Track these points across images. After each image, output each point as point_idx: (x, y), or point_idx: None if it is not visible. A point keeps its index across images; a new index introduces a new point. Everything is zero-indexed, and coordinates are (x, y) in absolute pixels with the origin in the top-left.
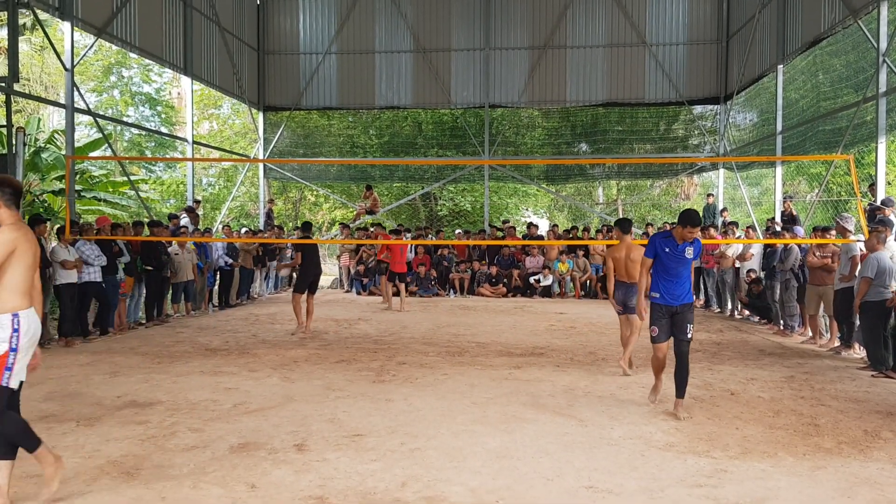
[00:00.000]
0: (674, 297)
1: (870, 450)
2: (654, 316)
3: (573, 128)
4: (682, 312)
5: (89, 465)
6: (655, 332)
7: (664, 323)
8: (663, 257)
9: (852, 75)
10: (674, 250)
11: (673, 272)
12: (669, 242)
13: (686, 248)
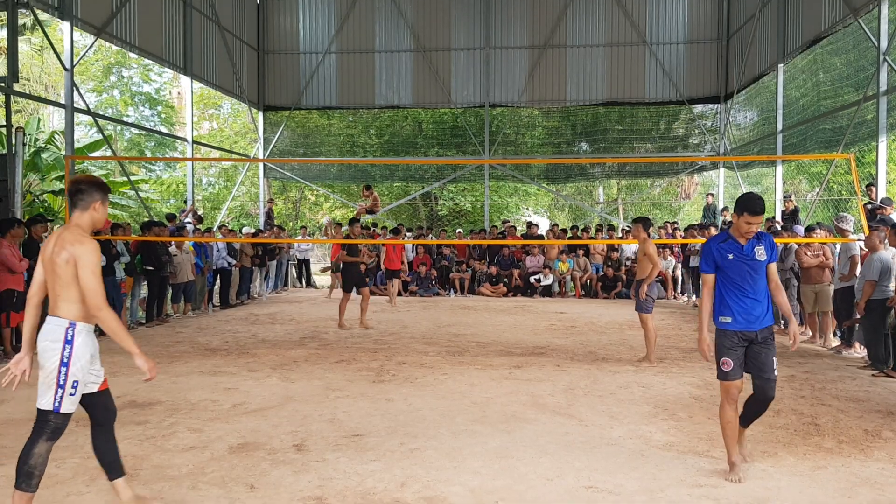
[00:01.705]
0: (750, 320)
1: (870, 449)
2: (725, 345)
3: (573, 127)
4: (764, 341)
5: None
6: (729, 365)
7: (739, 355)
8: (727, 268)
9: (853, 74)
10: (739, 254)
11: (744, 285)
12: (731, 245)
13: (755, 247)
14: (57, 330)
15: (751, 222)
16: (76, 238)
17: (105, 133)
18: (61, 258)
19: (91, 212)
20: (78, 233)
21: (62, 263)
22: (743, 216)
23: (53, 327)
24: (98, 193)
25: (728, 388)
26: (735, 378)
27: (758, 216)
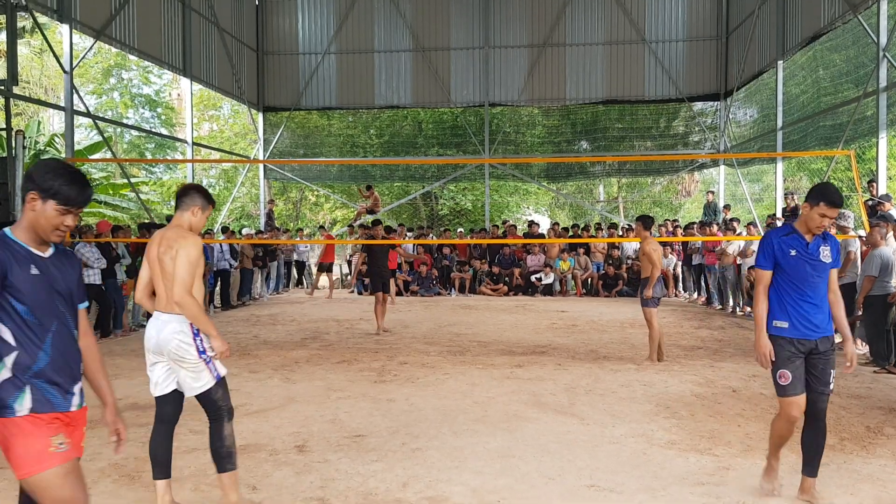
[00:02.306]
0: (811, 327)
1: (872, 446)
2: (782, 356)
3: (573, 125)
4: (824, 352)
5: (91, 468)
6: (787, 378)
7: (798, 366)
8: (787, 266)
9: (852, 70)
10: (802, 252)
11: (804, 287)
12: (794, 240)
13: (820, 246)
14: (182, 326)
15: (826, 215)
16: (178, 234)
17: (105, 135)
18: (168, 256)
19: (189, 214)
20: (179, 231)
21: (169, 261)
22: (818, 206)
23: (177, 325)
24: (199, 199)
25: (789, 407)
26: (796, 393)
27: (836, 208)
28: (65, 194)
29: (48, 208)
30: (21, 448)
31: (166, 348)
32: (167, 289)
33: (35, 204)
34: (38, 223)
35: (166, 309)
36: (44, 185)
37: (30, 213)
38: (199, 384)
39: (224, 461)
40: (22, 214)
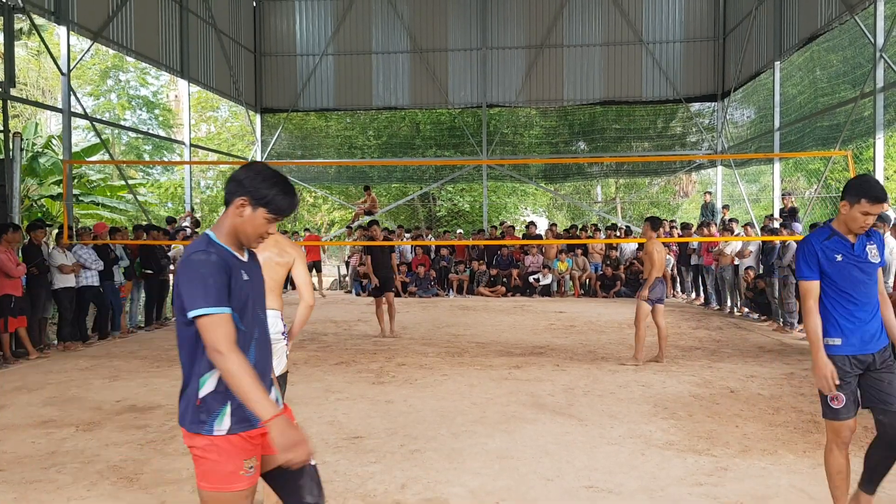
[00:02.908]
0: (866, 339)
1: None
2: None
3: (571, 126)
4: (885, 365)
5: (89, 470)
6: (840, 401)
7: (853, 386)
8: (834, 273)
9: (850, 71)
10: (849, 255)
11: (856, 294)
12: (837, 244)
13: (866, 246)
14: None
15: (869, 212)
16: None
17: (102, 137)
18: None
19: None
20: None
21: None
22: (859, 204)
23: (272, 318)
24: None
25: (839, 430)
26: (848, 417)
27: (880, 203)
28: (278, 204)
29: (258, 216)
30: (213, 464)
31: None
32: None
33: (244, 210)
34: (244, 229)
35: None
36: (257, 193)
37: (236, 218)
38: (280, 369)
39: None
40: (224, 218)
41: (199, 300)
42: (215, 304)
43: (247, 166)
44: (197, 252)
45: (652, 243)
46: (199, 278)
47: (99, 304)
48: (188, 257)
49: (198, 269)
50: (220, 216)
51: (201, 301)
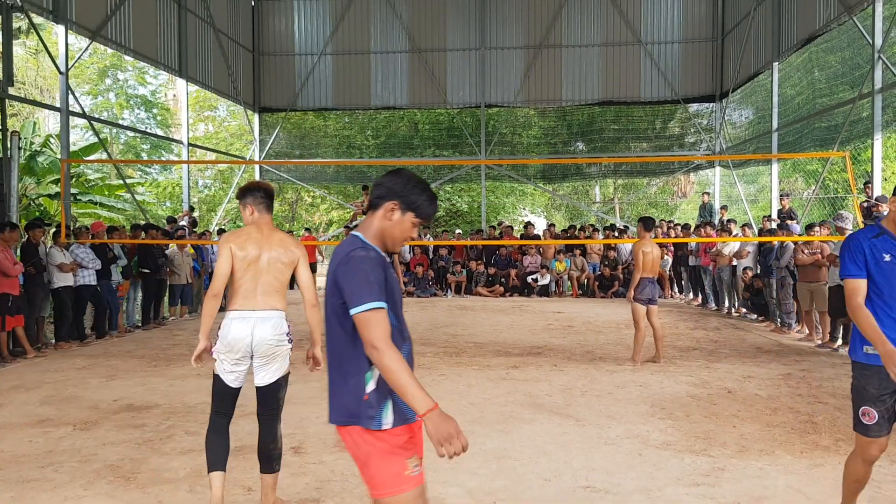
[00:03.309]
0: None
1: None
2: (869, 388)
3: (569, 127)
4: None
5: (86, 470)
6: (872, 417)
7: (886, 401)
8: (880, 274)
9: (848, 72)
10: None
11: None
12: (886, 242)
13: None
14: (282, 320)
15: None
16: (292, 240)
17: (101, 136)
18: (286, 258)
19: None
20: (287, 236)
21: (289, 263)
22: None
23: (278, 320)
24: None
25: (867, 447)
26: (879, 434)
27: None
28: (425, 210)
29: (406, 220)
30: (380, 469)
31: (265, 344)
32: (273, 287)
33: (394, 214)
34: (392, 233)
35: (263, 306)
36: (408, 199)
37: (385, 221)
38: (281, 371)
39: (274, 462)
40: (371, 221)
41: (364, 296)
42: (377, 299)
43: (396, 173)
44: (356, 249)
45: (639, 244)
46: (361, 274)
47: (96, 304)
48: (349, 255)
49: (359, 265)
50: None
51: (365, 297)
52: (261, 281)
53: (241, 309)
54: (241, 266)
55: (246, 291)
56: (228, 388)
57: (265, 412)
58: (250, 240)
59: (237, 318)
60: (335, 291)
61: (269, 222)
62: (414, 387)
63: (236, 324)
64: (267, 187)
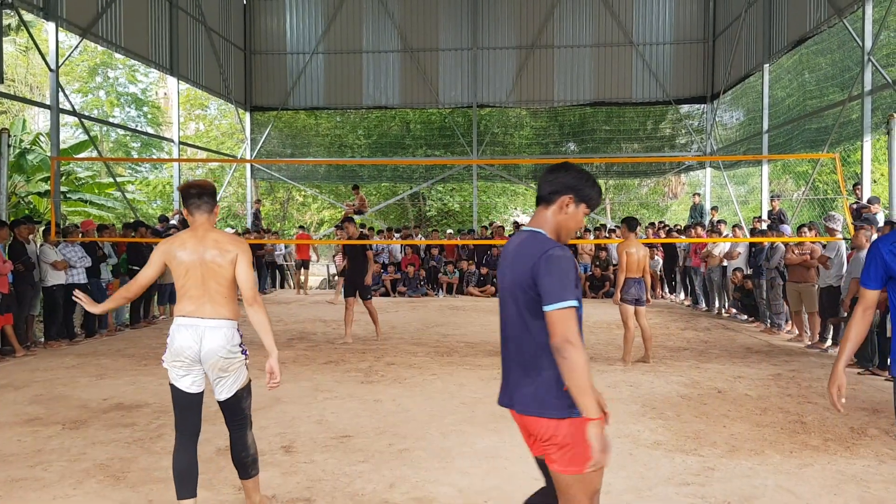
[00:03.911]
0: None
1: (856, 447)
2: None
3: (561, 127)
4: None
5: (75, 469)
6: None
7: None
8: None
9: (838, 74)
10: None
11: None
12: None
13: None
14: (232, 331)
15: None
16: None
17: (91, 134)
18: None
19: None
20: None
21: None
22: None
23: (227, 330)
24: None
25: None
26: None
27: None
28: (595, 201)
29: (580, 212)
30: (578, 449)
31: (215, 356)
32: (219, 292)
33: (569, 208)
34: (568, 225)
35: (212, 314)
36: (582, 192)
37: (561, 215)
38: (238, 384)
39: (250, 468)
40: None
41: (564, 294)
42: (574, 298)
43: (565, 168)
44: (554, 248)
45: (623, 245)
46: (561, 273)
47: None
48: (547, 253)
49: (560, 264)
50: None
51: (567, 294)
52: (206, 286)
53: (189, 315)
54: (180, 273)
55: (192, 297)
56: (186, 394)
57: (232, 423)
58: (185, 245)
59: (184, 324)
60: (529, 287)
61: (204, 223)
62: (591, 389)
63: (183, 332)
64: (201, 185)
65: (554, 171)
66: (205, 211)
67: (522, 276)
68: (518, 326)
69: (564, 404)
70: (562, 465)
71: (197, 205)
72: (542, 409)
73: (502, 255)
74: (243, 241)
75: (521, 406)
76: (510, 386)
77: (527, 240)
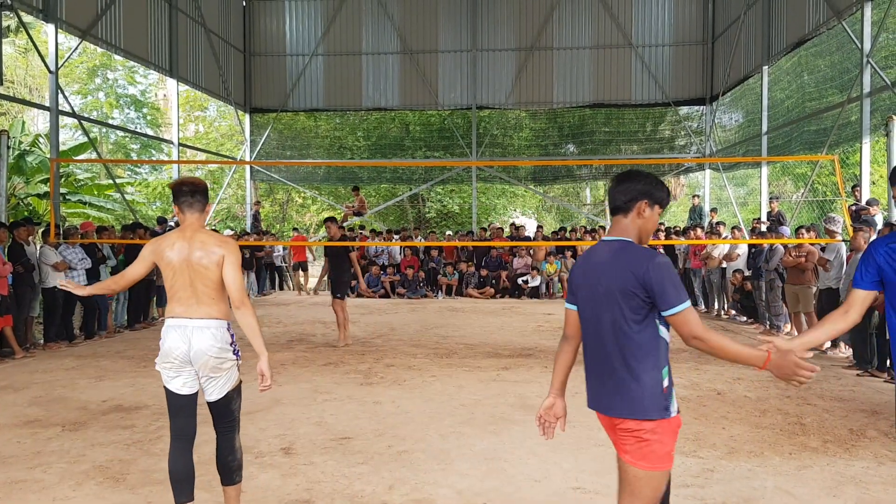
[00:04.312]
0: None
1: (855, 448)
2: None
3: (560, 129)
4: None
5: (75, 471)
6: None
7: None
8: None
9: (837, 76)
10: None
11: None
12: None
13: None
14: (222, 331)
15: None
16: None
17: (90, 136)
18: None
19: (205, 215)
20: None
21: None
22: None
23: (216, 330)
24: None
25: None
26: None
27: None
28: (666, 200)
29: (655, 213)
30: (660, 445)
31: (205, 356)
32: (206, 293)
33: (646, 211)
34: (647, 228)
35: (200, 315)
36: (655, 195)
37: (640, 220)
38: (229, 385)
39: (234, 474)
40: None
41: (681, 294)
42: (687, 298)
43: (633, 175)
44: (657, 256)
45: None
46: (674, 277)
47: (85, 304)
48: (655, 261)
49: (669, 269)
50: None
51: (683, 295)
52: (194, 287)
53: (178, 317)
54: (168, 273)
55: (180, 299)
56: (178, 395)
57: (221, 426)
58: (173, 245)
59: (173, 326)
60: (634, 294)
61: (193, 223)
62: (744, 349)
63: (172, 332)
64: (191, 182)
65: (623, 180)
66: (196, 210)
67: (626, 284)
68: (617, 332)
69: (661, 406)
70: (635, 458)
71: (189, 203)
72: (643, 412)
73: (587, 264)
74: (231, 242)
75: (619, 410)
76: (604, 390)
77: (622, 249)
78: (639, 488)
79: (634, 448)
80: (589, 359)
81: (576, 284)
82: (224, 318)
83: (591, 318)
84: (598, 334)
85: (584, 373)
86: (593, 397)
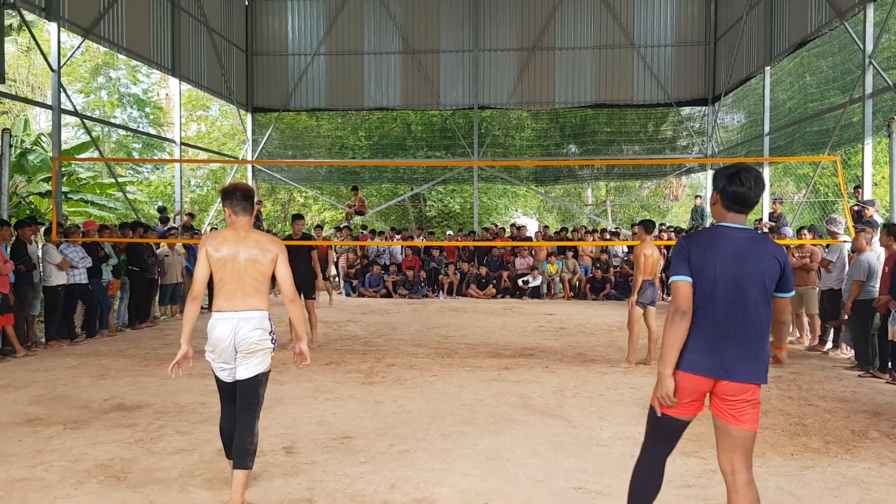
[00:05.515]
0: None
1: (857, 449)
2: None
3: (562, 129)
4: None
5: (76, 469)
6: None
7: None
8: None
9: (839, 77)
10: None
11: None
12: None
13: None
14: (264, 320)
15: None
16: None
17: (92, 134)
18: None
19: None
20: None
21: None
22: None
23: (258, 320)
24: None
25: None
26: None
27: None
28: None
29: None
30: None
31: (247, 342)
32: (254, 287)
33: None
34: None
35: (246, 307)
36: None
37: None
38: (261, 367)
39: (248, 457)
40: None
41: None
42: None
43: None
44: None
45: (640, 247)
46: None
47: (87, 302)
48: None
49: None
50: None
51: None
52: (242, 282)
53: (224, 310)
54: (219, 268)
55: (227, 293)
56: (224, 383)
57: (244, 406)
58: (226, 241)
59: (220, 318)
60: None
61: (245, 224)
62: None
63: (220, 324)
64: (245, 189)
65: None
66: (248, 213)
67: (771, 269)
68: (758, 310)
69: (767, 371)
70: (752, 422)
71: (243, 206)
72: (762, 377)
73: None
74: (281, 242)
75: (747, 376)
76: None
77: (758, 238)
78: (751, 447)
79: (751, 413)
80: (720, 329)
81: (702, 262)
82: (266, 308)
83: (732, 293)
84: (743, 308)
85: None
86: (720, 365)
